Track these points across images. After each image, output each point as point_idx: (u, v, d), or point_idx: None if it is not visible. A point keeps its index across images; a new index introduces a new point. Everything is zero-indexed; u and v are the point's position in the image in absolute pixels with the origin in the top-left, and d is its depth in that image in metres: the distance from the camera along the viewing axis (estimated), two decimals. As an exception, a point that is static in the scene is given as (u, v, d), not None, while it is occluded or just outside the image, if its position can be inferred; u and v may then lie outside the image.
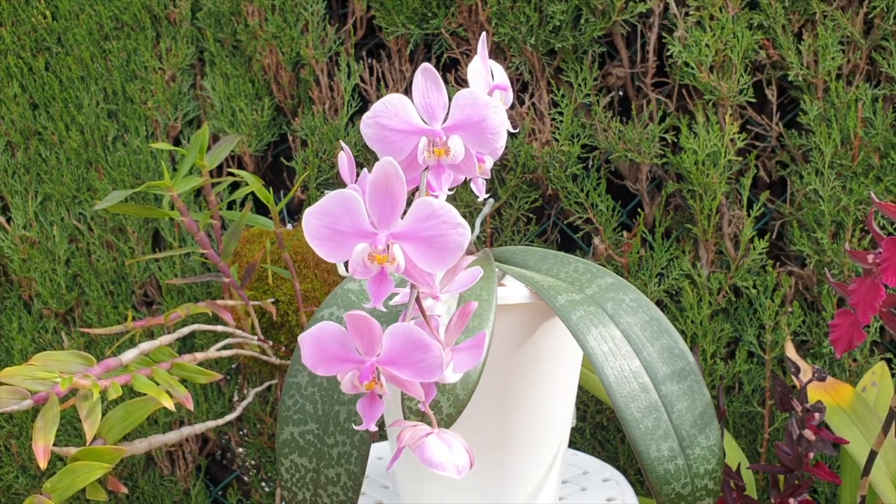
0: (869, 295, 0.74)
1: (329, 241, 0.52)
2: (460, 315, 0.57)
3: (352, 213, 0.52)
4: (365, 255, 0.51)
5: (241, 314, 1.03)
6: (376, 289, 0.52)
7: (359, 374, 0.51)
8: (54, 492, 0.75)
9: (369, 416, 0.53)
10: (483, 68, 0.64)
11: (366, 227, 0.52)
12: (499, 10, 1.13)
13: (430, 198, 0.52)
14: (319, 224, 0.52)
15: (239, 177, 0.98)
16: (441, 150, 0.57)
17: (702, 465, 0.71)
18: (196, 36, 1.24)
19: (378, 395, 0.53)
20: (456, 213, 0.51)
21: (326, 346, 0.52)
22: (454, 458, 0.53)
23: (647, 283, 1.13)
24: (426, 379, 0.52)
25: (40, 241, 1.25)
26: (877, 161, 1.08)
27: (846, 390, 0.95)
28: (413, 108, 0.57)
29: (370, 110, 0.57)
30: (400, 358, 0.51)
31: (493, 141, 0.57)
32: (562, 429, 0.82)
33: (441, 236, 0.52)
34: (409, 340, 0.51)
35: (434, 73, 0.57)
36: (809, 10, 1.08)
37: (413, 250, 0.52)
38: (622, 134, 1.12)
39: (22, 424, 1.29)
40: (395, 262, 0.52)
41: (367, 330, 0.51)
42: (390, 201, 0.52)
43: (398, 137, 0.57)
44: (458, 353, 0.56)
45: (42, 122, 1.25)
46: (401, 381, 0.52)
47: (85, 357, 0.79)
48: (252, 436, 1.26)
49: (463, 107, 0.57)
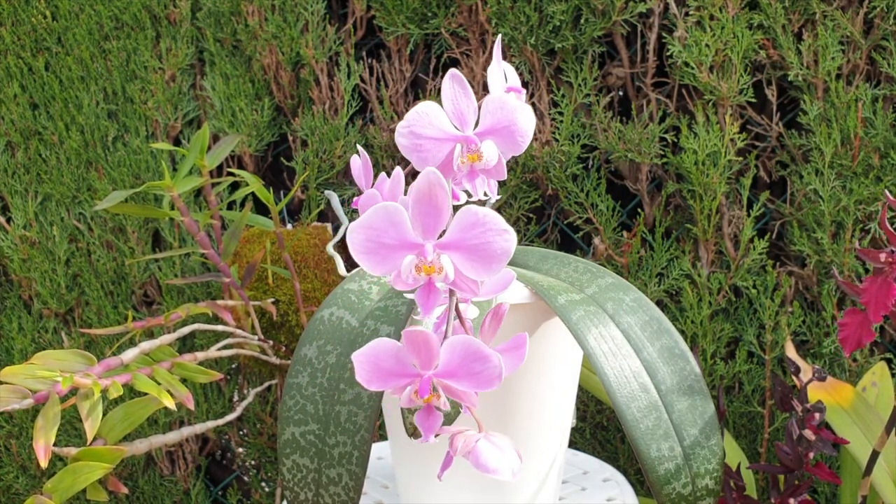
0: (881, 293, 0.74)
1: (375, 254, 0.52)
2: (493, 316, 0.57)
3: (397, 225, 0.51)
4: (412, 266, 0.51)
5: (242, 314, 1.03)
6: (425, 300, 0.52)
7: (418, 388, 0.51)
8: (55, 492, 0.75)
9: (428, 428, 0.53)
10: (500, 71, 0.64)
11: (411, 239, 0.52)
12: (499, 10, 1.13)
13: (475, 206, 0.52)
14: (365, 238, 0.52)
15: (239, 177, 0.98)
16: (475, 156, 0.57)
17: (702, 464, 0.71)
18: (196, 36, 1.24)
19: (436, 407, 0.53)
20: (501, 219, 0.51)
21: (382, 363, 0.52)
22: (508, 462, 0.53)
23: (647, 283, 1.13)
24: (485, 388, 0.52)
25: (40, 241, 1.25)
26: (877, 161, 1.08)
27: (846, 390, 0.95)
28: (445, 116, 0.57)
29: (404, 119, 0.56)
30: (459, 370, 0.51)
31: (524, 144, 0.58)
32: (562, 429, 0.82)
33: (488, 244, 0.52)
34: (468, 353, 0.51)
35: (462, 79, 0.57)
36: (809, 10, 1.08)
37: (460, 259, 0.52)
38: (622, 134, 1.12)
39: (22, 424, 1.29)
40: (443, 272, 0.52)
41: (424, 344, 0.51)
42: (434, 211, 0.52)
43: (432, 145, 0.57)
44: (503, 355, 0.56)
45: (42, 122, 1.25)
46: (457, 392, 0.52)
47: (86, 356, 0.79)
48: (252, 436, 1.26)
49: (493, 111, 0.57)
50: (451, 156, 0.57)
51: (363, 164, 0.61)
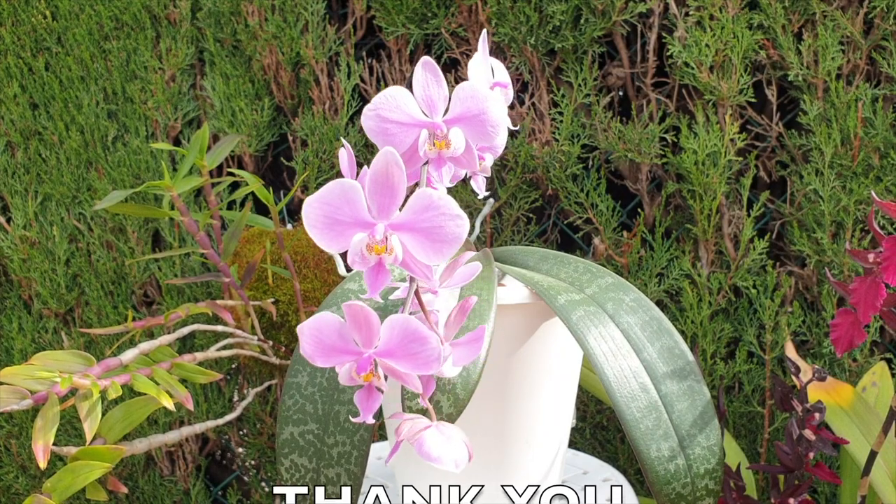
0: (870, 294, 0.74)
1: (329, 230, 0.52)
2: (460, 310, 0.57)
3: (351, 202, 0.52)
4: (363, 245, 0.51)
5: (241, 314, 1.03)
6: (373, 279, 0.52)
7: (356, 365, 0.51)
8: (54, 491, 0.75)
9: (366, 408, 0.53)
10: (484, 65, 0.64)
11: (365, 218, 0.52)
12: (499, 10, 1.13)
13: (430, 189, 0.52)
14: (320, 213, 0.52)
15: (239, 177, 0.98)
16: (442, 143, 0.57)
17: (702, 465, 0.71)
18: (196, 36, 1.24)
19: (376, 387, 0.53)
20: (454, 204, 0.51)
21: (325, 337, 0.52)
22: (452, 452, 0.53)
23: (647, 283, 1.13)
24: (424, 371, 0.52)
25: (40, 241, 1.25)
26: (877, 161, 1.08)
27: (846, 390, 0.95)
28: (413, 101, 0.57)
29: (371, 102, 0.57)
30: (398, 350, 0.51)
31: (494, 134, 0.57)
32: (562, 429, 0.82)
33: (440, 227, 0.52)
34: (406, 332, 0.51)
35: (434, 66, 0.57)
36: (809, 10, 1.08)
37: (411, 241, 0.52)
38: (622, 134, 1.12)
39: (22, 424, 1.29)
40: (392, 253, 0.52)
41: (364, 321, 0.51)
42: (389, 191, 0.52)
43: (399, 130, 0.57)
44: (457, 347, 0.56)
45: (42, 122, 1.25)
46: (399, 373, 0.52)
47: (85, 357, 0.79)
48: (252, 436, 1.26)
49: (464, 99, 0.57)
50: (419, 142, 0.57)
51: (349, 158, 0.61)
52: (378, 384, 0.52)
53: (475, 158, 0.59)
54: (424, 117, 0.57)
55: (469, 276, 0.59)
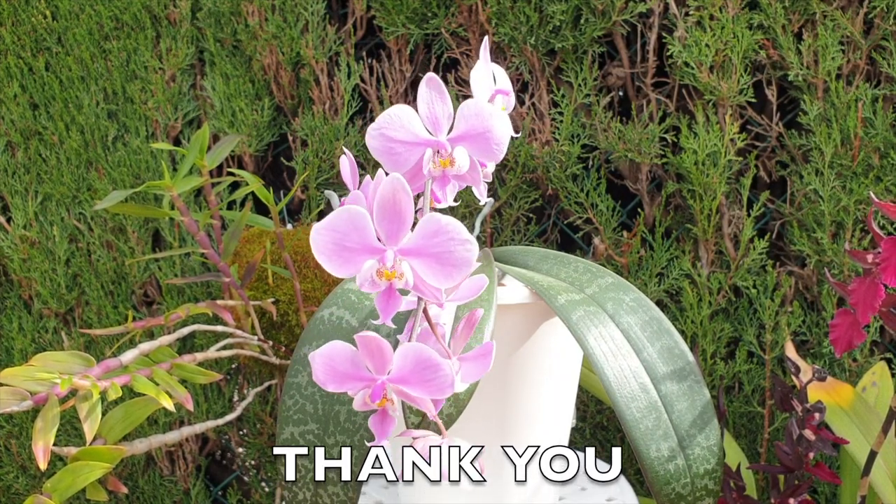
0: (868, 294, 0.74)
1: (337, 257, 0.52)
2: (467, 323, 0.57)
3: (360, 229, 0.52)
4: (373, 271, 0.52)
5: (241, 314, 1.03)
6: (385, 305, 0.53)
7: (370, 392, 0.52)
8: (55, 492, 0.75)
9: (381, 432, 0.53)
10: (486, 73, 0.64)
11: (374, 244, 0.52)
12: (499, 10, 1.13)
13: (438, 214, 0.52)
14: (328, 240, 0.52)
15: (239, 177, 0.98)
16: (446, 162, 0.57)
17: (702, 465, 0.71)
18: (196, 36, 1.24)
19: (389, 412, 0.53)
20: (463, 229, 0.51)
21: (337, 365, 0.52)
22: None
23: (647, 283, 1.13)
24: (437, 396, 0.52)
25: (40, 241, 1.25)
26: (877, 161, 1.08)
27: (846, 390, 0.95)
28: (418, 120, 0.56)
29: (375, 122, 0.56)
30: (411, 377, 0.52)
31: (499, 152, 0.57)
32: (562, 429, 0.82)
33: (449, 252, 0.52)
34: (419, 360, 0.51)
35: (438, 83, 0.57)
36: (809, 10, 1.08)
37: (421, 266, 0.52)
38: (622, 134, 1.12)
39: (22, 425, 1.29)
40: (403, 279, 0.52)
41: (377, 350, 0.51)
42: (398, 217, 0.52)
43: (403, 149, 0.57)
44: (465, 362, 0.56)
45: (42, 122, 1.25)
46: (411, 398, 0.52)
47: (85, 358, 0.79)
48: (252, 436, 1.26)
49: (468, 117, 0.57)
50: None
51: (350, 166, 0.61)
52: (391, 410, 0.52)
53: (480, 174, 0.59)
54: (429, 136, 0.57)
55: (476, 289, 0.59)
